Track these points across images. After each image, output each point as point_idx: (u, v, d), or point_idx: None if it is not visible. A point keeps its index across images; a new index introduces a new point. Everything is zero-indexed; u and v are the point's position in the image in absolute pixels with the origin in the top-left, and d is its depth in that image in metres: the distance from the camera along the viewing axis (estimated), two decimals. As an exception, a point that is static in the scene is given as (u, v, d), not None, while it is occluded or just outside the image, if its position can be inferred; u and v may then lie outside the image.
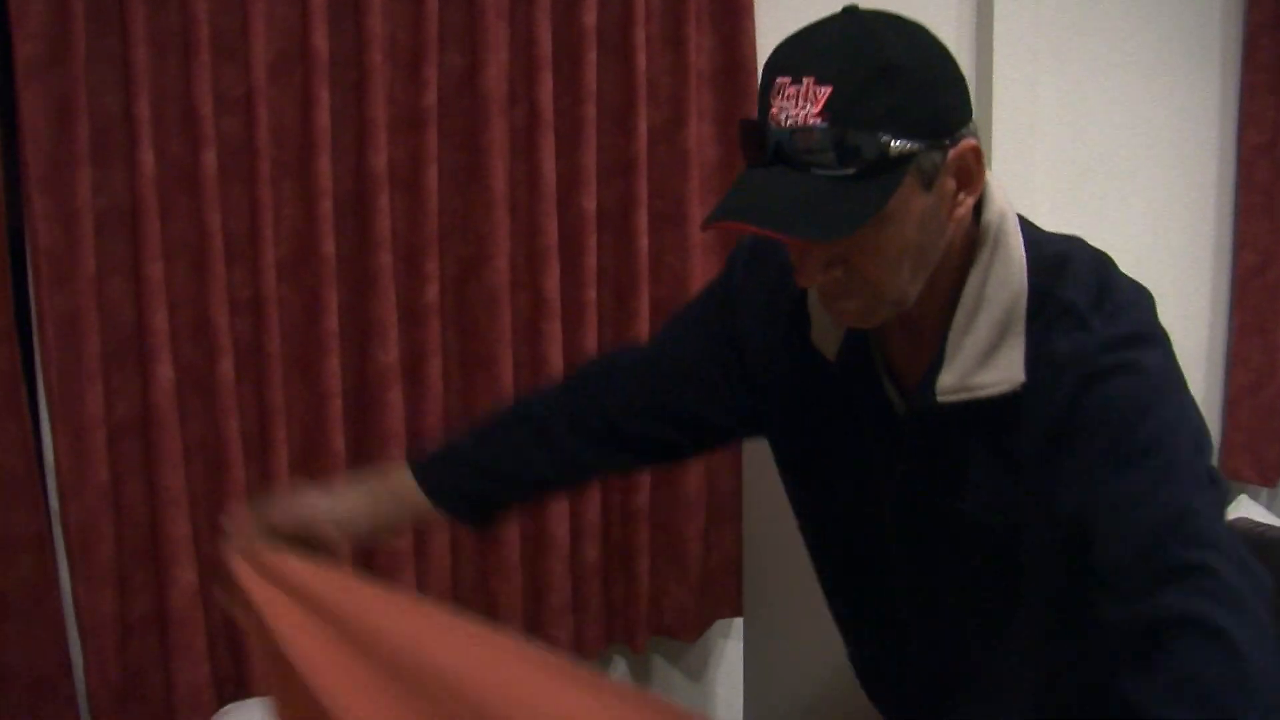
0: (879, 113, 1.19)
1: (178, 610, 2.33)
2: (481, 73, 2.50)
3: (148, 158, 2.24)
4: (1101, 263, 1.37)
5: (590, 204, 2.63)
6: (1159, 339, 1.31)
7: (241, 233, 2.37)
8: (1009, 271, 1.33)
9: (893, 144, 1.20)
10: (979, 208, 1.36)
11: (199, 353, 2.36)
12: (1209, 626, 1.13)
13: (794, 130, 1.20)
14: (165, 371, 2.30)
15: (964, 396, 1.33)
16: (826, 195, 1.20)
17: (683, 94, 2.69)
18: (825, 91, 1.19)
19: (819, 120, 1.19)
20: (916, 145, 1.21)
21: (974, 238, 1.36)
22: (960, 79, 1.27)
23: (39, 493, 2.26)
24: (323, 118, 2.37)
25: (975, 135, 1.29)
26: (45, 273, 2.21)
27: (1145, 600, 1.17)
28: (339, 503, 1.59)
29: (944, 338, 1.36)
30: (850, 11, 1.26)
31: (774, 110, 1.22)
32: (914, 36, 1.24)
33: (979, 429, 1.36)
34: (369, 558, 2.51)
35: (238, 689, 2.42)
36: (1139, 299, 1.34)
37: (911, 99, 1.21)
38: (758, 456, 2.79)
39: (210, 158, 2.29)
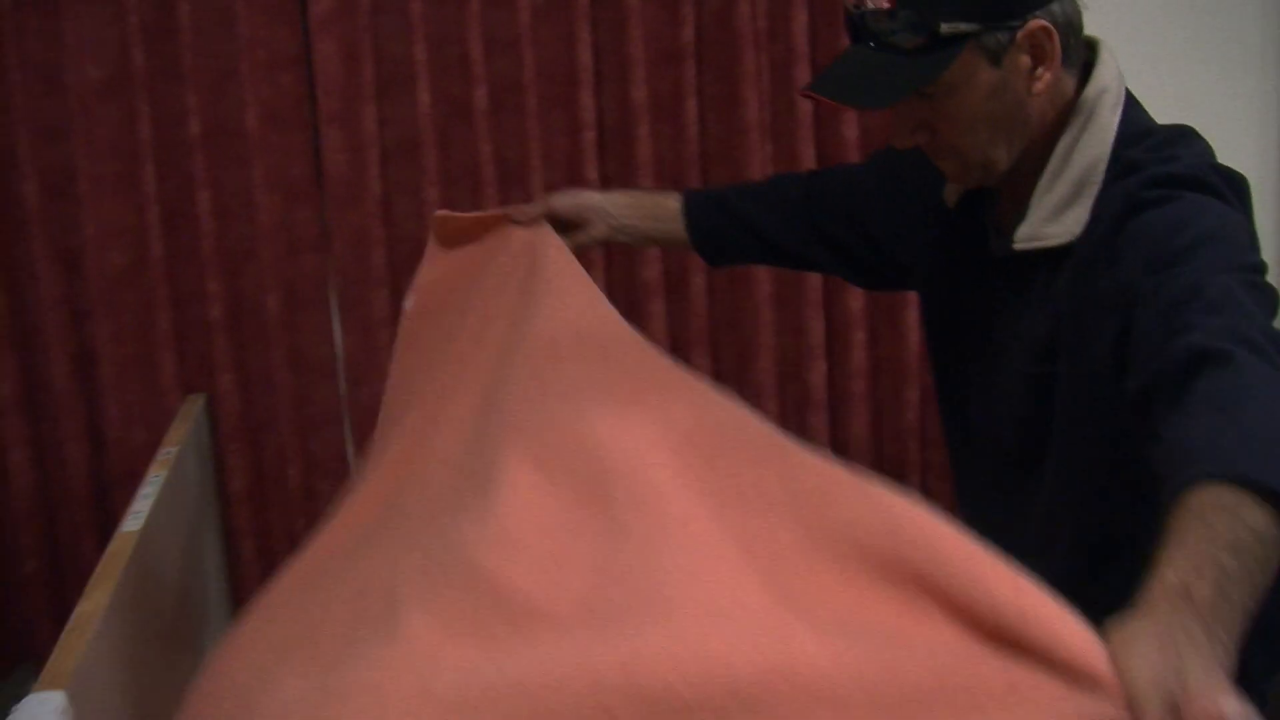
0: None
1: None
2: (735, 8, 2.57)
3: (425, 97, 2.49)
4: (1183, 134, 1.41)
5: (851, 132, 2.68)
6: (1211, 187, 1.32)
7: (513, 159, 2.61)
8: (1096, 139, 1.41)
9: (943, 25, 1.32)
10: (1083, 81, 1.44)
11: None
12: (1227, 358, 1.11)
13: (864, 13, 1.37)
14: (441, 282, 2.61)
15: (1034, 245, 1.43)
16: (885, 68, 1.36)
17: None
18: None
19: (886, 3, 1.34)
20: (973, 25, 1.33)
21: (1073, 108, 1.44)
22: None
23: (335, 378, 2.66)
24: (585, 55, 2.54)
25: (1057, 17, 1.36)
26: (336, 196, 2.54)
27: (1163, 358, 1.18)
28: (611, 201, 1.86)
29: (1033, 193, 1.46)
30: None
31: None
32: None
33: (1041, 278, 1.45)
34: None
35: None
36: (1200, 160, 1.36)
37: None
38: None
39: (482, 94, 2.52)
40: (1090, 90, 1.42)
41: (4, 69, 2.43)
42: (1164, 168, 1.33)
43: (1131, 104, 1.44)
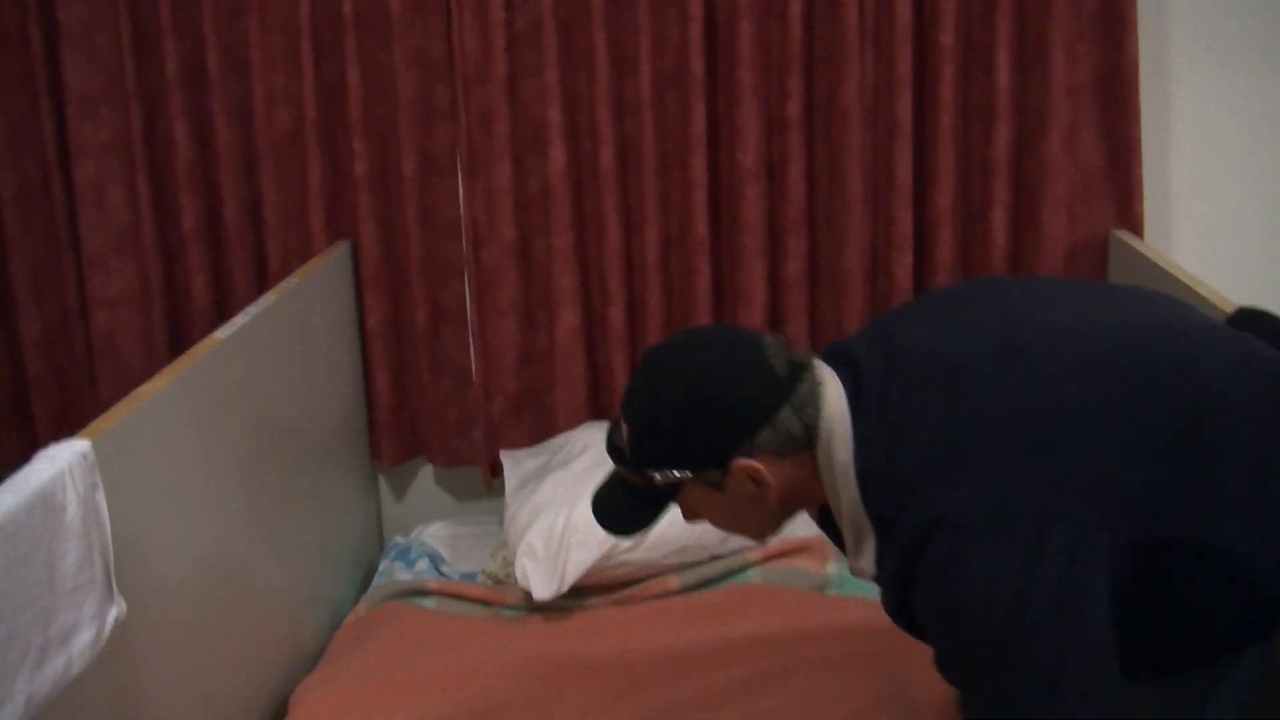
0: (650, 453, 1.58)
1: (563, 344, 3.04)
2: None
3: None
4: (914, 466, 1.48)
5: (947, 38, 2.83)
6: (948, 523, 1.41)
7: (626, 45, 2.90)
8: (845, 489, 1.54)
9: (658, 477, 1.57)
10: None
11: (588, 143, 2.96)
12: None
13: (612, 445, 1.64)
14: (559, 156, 2.92)
15: (862, 577, 1.60)
16: (626, 499, 1.64)
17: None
18: (626, 432, 1.60)
19: (619, 457, 1.63)
20: (684, 475, 1.57)
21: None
22: (728, 416, 1.53)
23: (459, 237, 3.03)
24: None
25: (765, 444, 1.53)
26: (467, 75, 2.88)
27: None
28: None
29: None
30: (647, 354, 1.63)
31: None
32: (689, 385, 1.55)
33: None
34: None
35: (601, 412, 3.13)
36: (936, 491, 1.45)
37: (676, 443, 1.56)
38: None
39: None
40: (821, 441, 1.54)
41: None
42: (902, 529, 1.44)
43: (860, 426, 1.52)
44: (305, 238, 3.01)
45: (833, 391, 1.56)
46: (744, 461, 1.54)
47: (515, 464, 3.01)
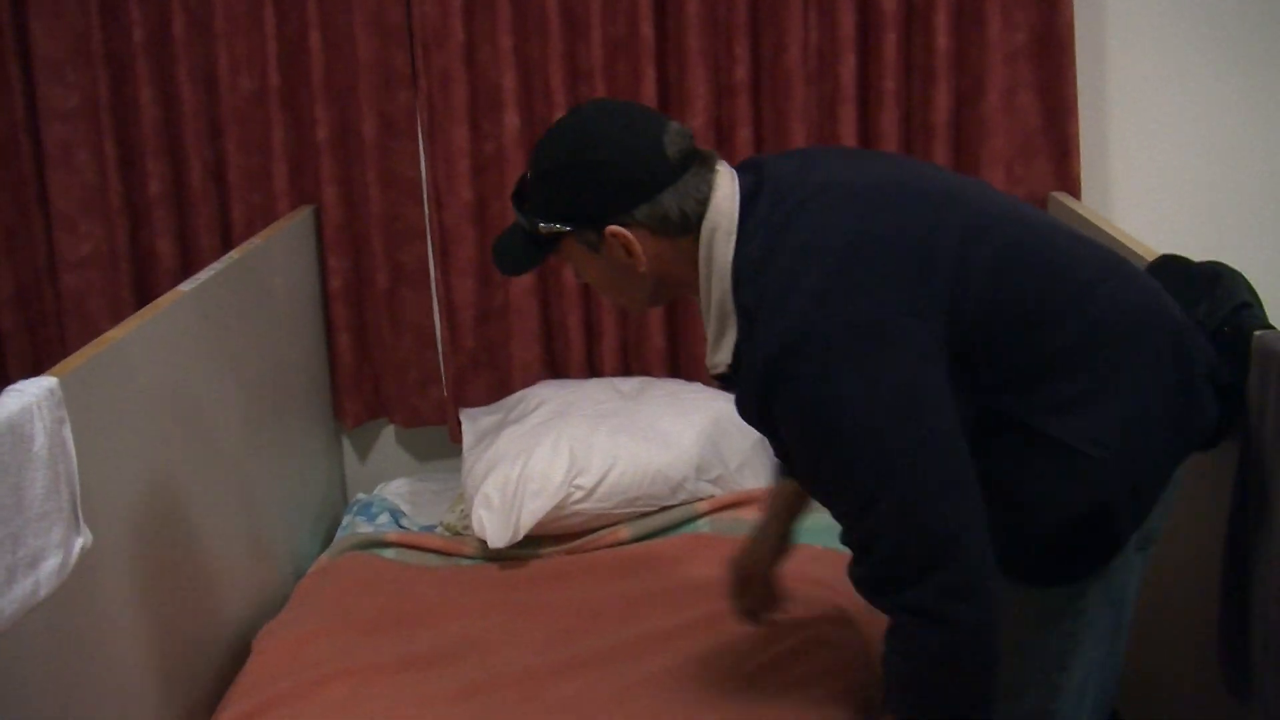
0: (539, 202, 1.71)
1: (517, 302, 3.12)
2: None
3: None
4: (790, 250, 1.63)
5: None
6: (804, 345, 1.58)
7: (576, 8, 2.99)
8: (717, 279, 1.68)
9: (541, 225, 1.71)
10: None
11: (542, 107, 3.04)
12: None
13: (516, 191, 1.78)
14: (513, 120, 3.01)
15: (716, 370, 1.75)
16: (519, 243, 1.76)
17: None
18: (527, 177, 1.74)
19: (517, 200, 1.76)
20: (565, 227, 1.70)
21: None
22: (611, 181, 1.66)
23: (420, 199, 3.11)
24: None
25: (640, 219, 1.67)
26: (425, 40, 2.97)
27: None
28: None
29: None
30: (573, 110, 1.78)
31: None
32: (582, 143, 1.68)
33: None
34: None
35: (556, 370, 3.23)
36: (806, 303, 1.59)
37: (556, 198, 1.70)
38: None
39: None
40: (704, 232, 1.68)
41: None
42: (770, 342, 1.59)
43: (747, 227, 1.67)
44: (269, 200, 3.09)
45: (726, 190, 1.69)
46: (617, 229, 1.68)
47: (472, 421, 3.10)
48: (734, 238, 1.67)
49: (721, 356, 1.71)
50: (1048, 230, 1.73)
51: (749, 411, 1.71)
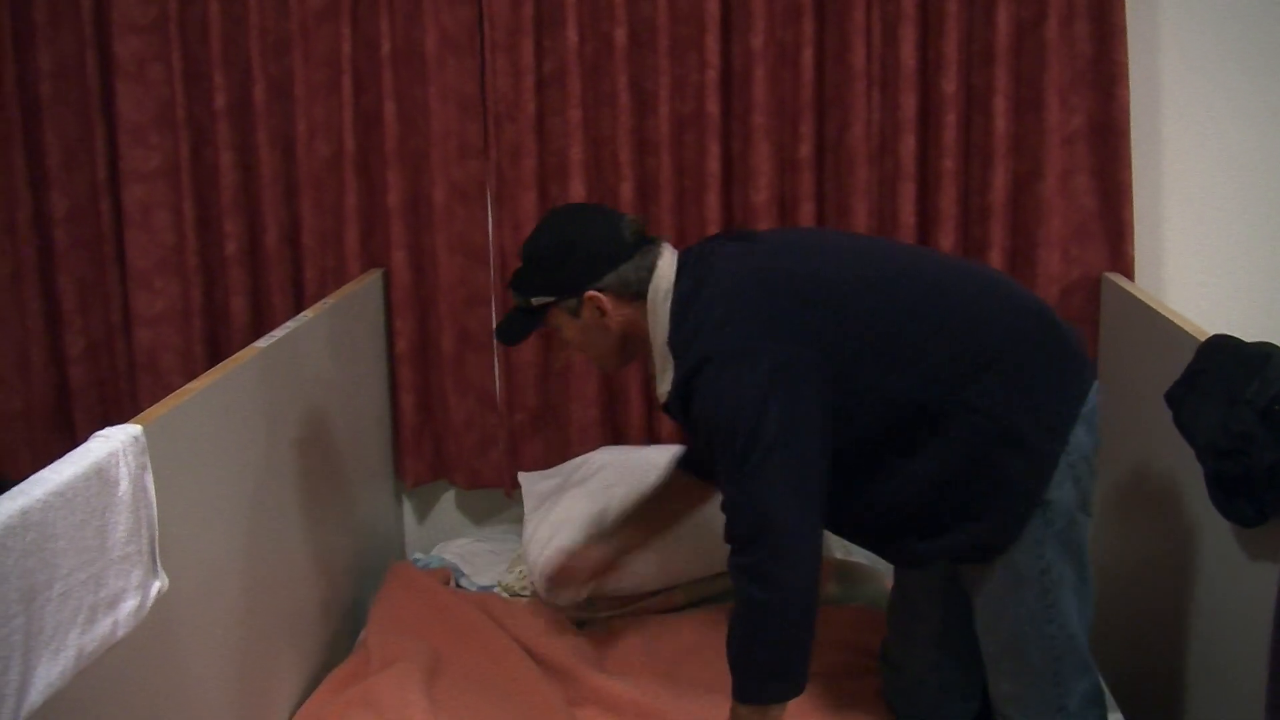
0: (527, 283, 2.22)
1: (578, 363, 3.18)
2: None
3: (573, 34, 2.99)
4: (703, 303, 2.09)
5: (950, 86, 2.99)
6: (704, 365, 2.04)
7: (647, 89, 3.07)
8: (659, 328, 2.15)
9: (534, 300, 2.21)
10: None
11: (611, 177, 3.13)
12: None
13: (512, 275, 2.27)
14: (579, 188, 3.09)
15: (662, 399, 2.20)
16: (515, 318, 2.25)
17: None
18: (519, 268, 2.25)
19: (513, 285, 2.26)
20: (550, 299, 2.19)
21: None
22: (584, 258, 2.15)
23: (487, 264, 3.19)
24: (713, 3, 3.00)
25: (611, 284, 2.15)
26: (497, 112, 3.07)
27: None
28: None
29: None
30: (550, 211, 2.34)
31: None
32: (560, 233, 2.19)
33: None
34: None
35: (616, 433, 3.28)
36: (712, 340, 2.05)
37: (543, 277, 2.19)
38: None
39: (621, 33, 3.00)
40: (651, 296, 2.15)
41: (245, -8, 3.08)
42: (687, 361, 2.07)
43: (681, 290, 2.12)
44: (340, 262, 3.18)
45: (667, 261, 2.18)
46: (593, 293, 2.17)
47: (531, 485, 3.15)
48: (671, 295, 2.14)
49: (664, 388, 2.17)
50: (948, 284, 2.12)
51: (676, 413, 2.16)
